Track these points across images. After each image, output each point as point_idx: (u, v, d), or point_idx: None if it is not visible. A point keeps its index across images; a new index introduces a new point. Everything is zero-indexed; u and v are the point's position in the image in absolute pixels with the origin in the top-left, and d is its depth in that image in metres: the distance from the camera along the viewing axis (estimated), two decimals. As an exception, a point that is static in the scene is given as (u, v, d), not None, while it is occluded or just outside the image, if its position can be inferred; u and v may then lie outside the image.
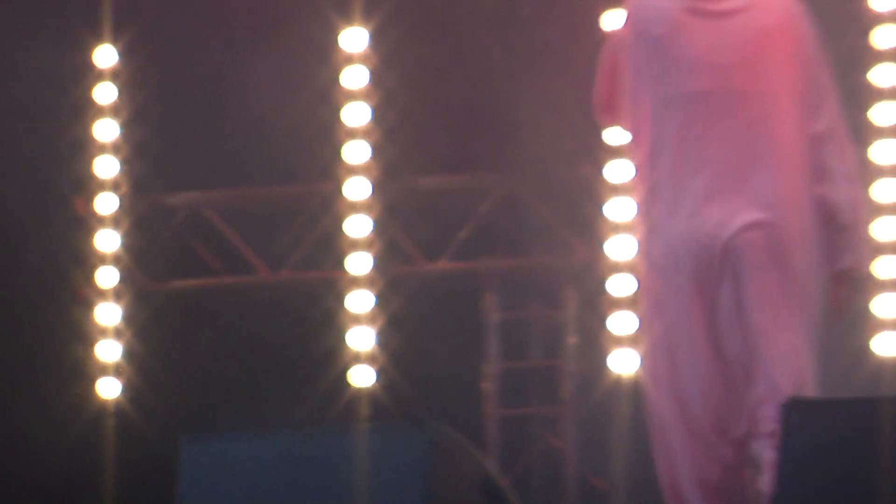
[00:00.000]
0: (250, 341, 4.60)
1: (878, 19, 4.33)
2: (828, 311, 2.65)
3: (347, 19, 4.47)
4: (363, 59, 4.52)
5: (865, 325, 4.18)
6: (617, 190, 4.31)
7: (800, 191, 2.62)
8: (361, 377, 4.51)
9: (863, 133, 4.24)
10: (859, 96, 4.25)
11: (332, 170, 4.60)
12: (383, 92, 4.55)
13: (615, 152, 4.30)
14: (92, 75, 4.73)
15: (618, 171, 4.30)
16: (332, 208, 4.64)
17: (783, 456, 2.18)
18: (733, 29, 2.71)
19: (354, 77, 4.50)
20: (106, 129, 4.58)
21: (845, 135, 2.74)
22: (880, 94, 4.27)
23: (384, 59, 4.55)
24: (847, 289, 2.65)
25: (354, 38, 4.49)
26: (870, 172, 4.24)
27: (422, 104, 4.57)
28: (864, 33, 4.35)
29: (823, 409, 2.30)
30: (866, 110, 4.29)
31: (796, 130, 2.64)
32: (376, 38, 4.57)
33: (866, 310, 4.11)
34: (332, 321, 4.58)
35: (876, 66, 4.28)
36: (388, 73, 4.57)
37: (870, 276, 3.14)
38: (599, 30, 3.54)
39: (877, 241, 4.04)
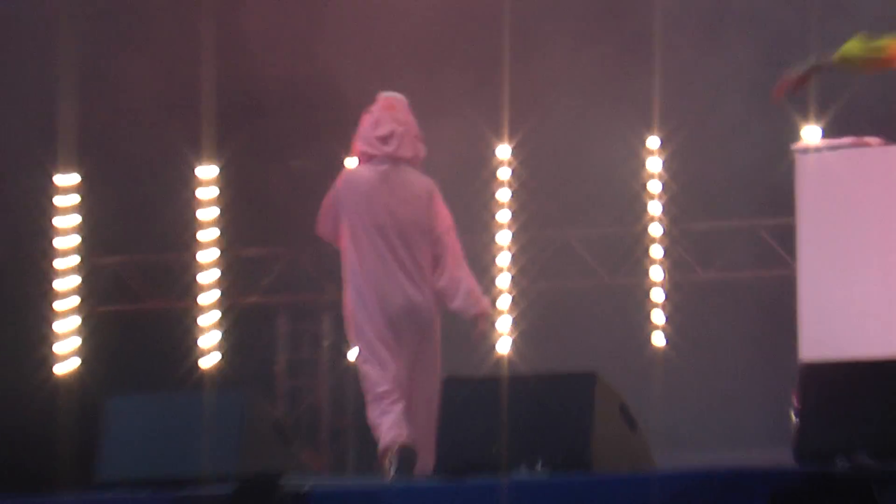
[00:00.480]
0: (147, 340, 6.34)
1: (502, 163, 6.27)
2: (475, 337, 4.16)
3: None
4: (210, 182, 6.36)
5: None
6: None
7: (431, 286, 3.98)
8: (209, 363, 6.29)
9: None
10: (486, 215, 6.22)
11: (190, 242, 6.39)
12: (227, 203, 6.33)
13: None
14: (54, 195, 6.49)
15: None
16: (191, 267, 6.47)
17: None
18: (403, 191, 4.01)
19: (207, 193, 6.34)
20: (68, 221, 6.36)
21: (459, 252, 4.08)
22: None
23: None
24: (481, 324, 4.10)
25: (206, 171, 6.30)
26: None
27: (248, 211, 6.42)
28: (492, 175, 6.27)
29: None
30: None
31: (430, 249, 4.01)
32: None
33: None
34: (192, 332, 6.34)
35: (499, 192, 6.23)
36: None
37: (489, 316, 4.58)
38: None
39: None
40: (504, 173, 6.25)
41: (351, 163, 4.46)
